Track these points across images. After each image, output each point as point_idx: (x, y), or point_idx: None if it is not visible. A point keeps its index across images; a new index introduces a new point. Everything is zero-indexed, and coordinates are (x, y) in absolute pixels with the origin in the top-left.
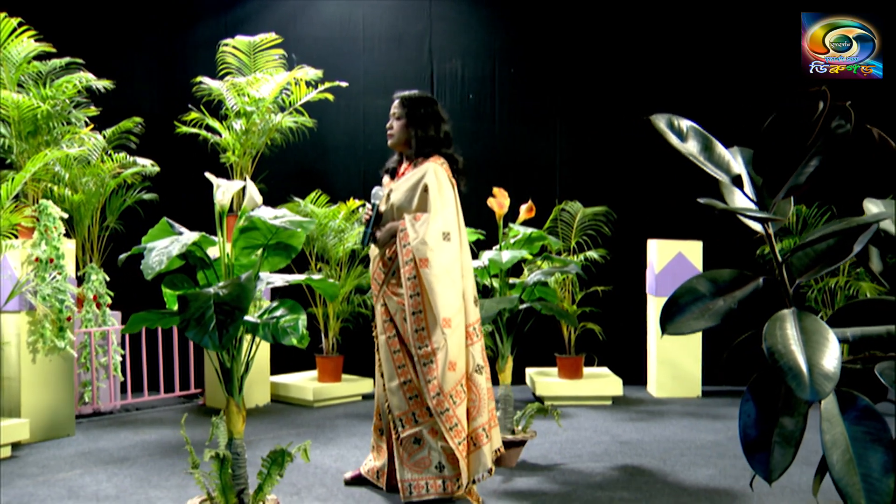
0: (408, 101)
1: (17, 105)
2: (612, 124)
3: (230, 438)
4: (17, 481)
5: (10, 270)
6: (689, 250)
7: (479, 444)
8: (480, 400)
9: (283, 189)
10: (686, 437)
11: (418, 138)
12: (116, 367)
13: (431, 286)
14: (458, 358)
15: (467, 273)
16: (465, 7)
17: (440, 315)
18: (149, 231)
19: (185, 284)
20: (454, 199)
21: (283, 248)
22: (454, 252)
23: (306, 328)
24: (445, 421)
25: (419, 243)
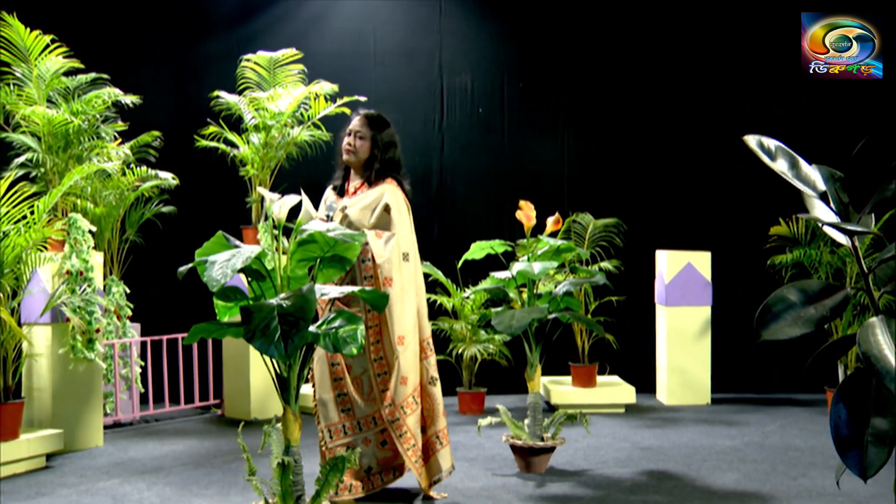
0: (374, 122)
1: (48, 120)
2: (621, 136)
3: (287, 446)
4: (59, 490)
5: (42, 283)
6: (698, 261)
7: (435, 449)
8: (436, 409)
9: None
10: (704, 443)
11: (381, 161)
12: (137, 379)
13: (391, 305)
14: (409, 372)
15: (420, 291)
16: (474, 22)
17: (395, 333)
18: (203, 244)
19: (238, 296)
20: (410, 220)
21: (337, 261)
22: (411, 272)
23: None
24: (396, 429)
25: (386, 262)
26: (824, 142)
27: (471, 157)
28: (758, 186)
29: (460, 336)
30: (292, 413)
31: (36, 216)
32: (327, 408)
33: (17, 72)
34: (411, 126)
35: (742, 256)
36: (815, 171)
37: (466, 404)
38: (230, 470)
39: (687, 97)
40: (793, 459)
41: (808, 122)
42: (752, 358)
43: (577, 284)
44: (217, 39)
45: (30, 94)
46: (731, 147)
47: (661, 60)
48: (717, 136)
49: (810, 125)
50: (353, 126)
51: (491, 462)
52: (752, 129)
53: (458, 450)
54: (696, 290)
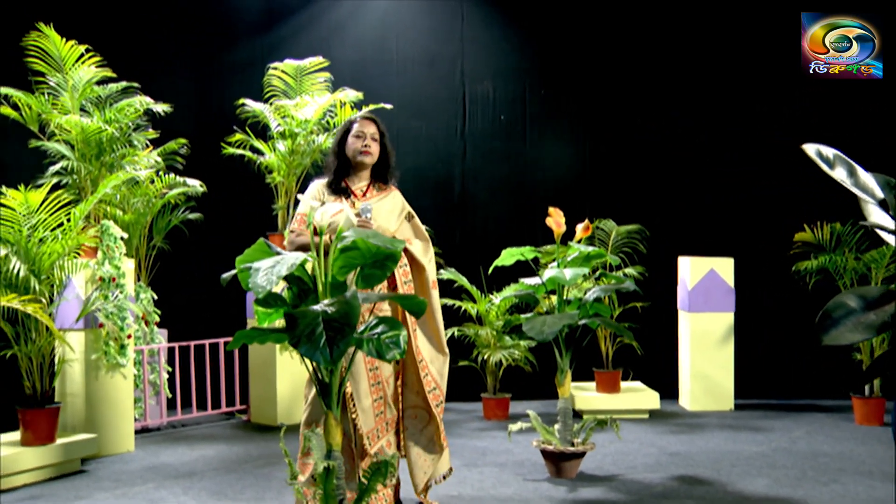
0: (381, 125)
1: (82, 128)
2: (642, 142)
3: (329, 450)
4: (97, 494)
5: (76, 290)
6: (721, 267)
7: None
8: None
9: None
10: (731, 449)
11: (390, 164)
12: (164, 384)
13: (436, 307)
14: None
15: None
16: (496, 30)
17: (442, 334)
18: (245, 251)
19: (279, 302)
20: None
21: (378, 267)
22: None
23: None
24: (440, 413)
25: (431, 266)
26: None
27: (493, 163)
28: (779, 191)
29: (485, 342)
30: (334, 418)
31: (72, 223)
32: (367, 414)
33: (52, 81)
34: (433, 133)
35: (765, 263)
36: (872, 178)
37: (491, 410)
38: (262, 475)
39: (696, 99)
40: (822, 465)
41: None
42: (776, 364)
43: (607, 291)
44: (241, 47)
45: (64, 104)
46: (742, 149)
47: (673, 64)
48: (727, 137)
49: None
50: (367, 129)
51: (520, 467)
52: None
53: (486, 455)
54: (720, 296)
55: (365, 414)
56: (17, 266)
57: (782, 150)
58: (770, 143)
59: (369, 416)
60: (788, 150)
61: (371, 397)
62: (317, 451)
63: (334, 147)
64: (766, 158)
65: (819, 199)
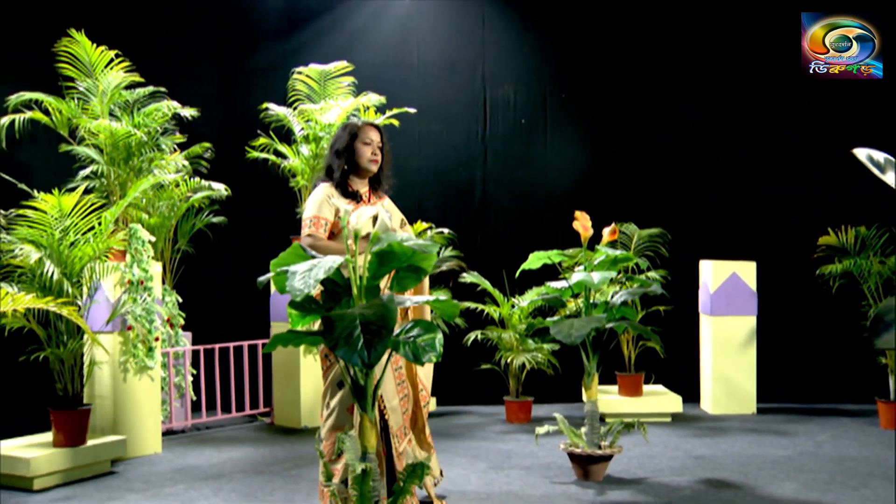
0: (386, 135)
1: (111, 133)
2: (664, 147)
3: (364, 452)
4: (129, 496)
5: (105, 293)
6: (744, 270)
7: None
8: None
9: None
10: (756, 453)
11: (387, 174)
12: (189, 387)
13: (427, 309)
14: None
15: None
16: (517, 34)
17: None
18: (279, 255)
19: (312, 306)
20: None
21: (413, 270)
22: None
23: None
24: (425, 413)
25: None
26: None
27: (513, 167)
28: (802, 194)
29: (508, 345)
30: (369, 420)
31: (103, 227)
32: (397, 413)
33: (81, 86)
34: (454, 137)
35: (788, 266)
36: None
37: (513, 413)
38: (291, 477)
39: (706, 98)
40: (850, 470)
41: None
42: (798, 367)
43: (634, 294)
44: (263, 52)
45: (94, 108)
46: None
47: (684, 64)
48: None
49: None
50: (374, 137)
51: (547, 470)
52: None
53: (511, 458)
54: (742, 299)
55: (395, 413)
56: (50, 269)
57: (792, 150)
58: (781, 144)
59: (398, 415)
60: (799, 151)
61: (398, 396)
62: (351, 453)
63: (340, 150)
64: (777, 159)
65: (845, 203)
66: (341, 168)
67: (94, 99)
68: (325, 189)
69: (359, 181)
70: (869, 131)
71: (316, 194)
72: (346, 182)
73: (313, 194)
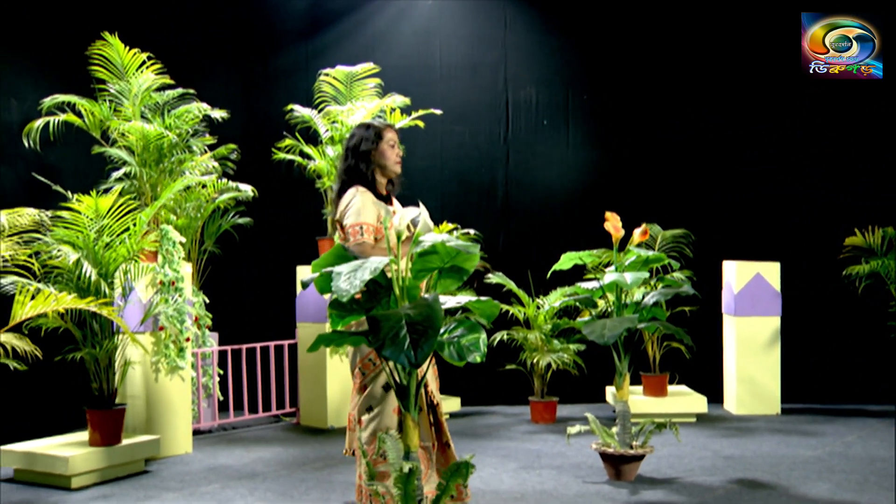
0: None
1: (144, 134)
2: (686, 148)
3: (407, 451)
4: (165, 494)
5: (137, 294)
6: (768, 271)
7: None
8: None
9: None
10: (786, 453)
11: (400, 175)
12: (216, 387)
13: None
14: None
15: None
16: (538, 36)
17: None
18: (321, 255)
19: (353, 306)
20: None
21: (456, 271)
22: None
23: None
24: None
25: None
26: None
27: (536, 169)
28: (827, 195)
29: (533, 346)
30: (412, 419)
31: (137, 228)
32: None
33: (112, 88)
34: (476, 138)
35: (813, 267)
36: None
37: (539, 413)
38: (324, 476)
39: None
40: (882, 470)
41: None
42: (823, 368)
43: (666, 294)
44: (286, 54)
45: (126, 110)
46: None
47: (703, 65)
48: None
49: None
50: (395, 139)
51: (578, 469)
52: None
53: (540, 458)
54: (766, 300)
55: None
56: (88, 270)
57: (814, 151)
58: (801, 145)
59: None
60: (822, 151)
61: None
62: (392, 452)
63: (365, 153)
64: (798, 160)
65: (871, 204)
66: (369, 169)
67: (126, 101)
68: (364, 194)
69: (383, 183)
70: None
71: (356, 200)
72: (376, 185)
73: (352, 201)
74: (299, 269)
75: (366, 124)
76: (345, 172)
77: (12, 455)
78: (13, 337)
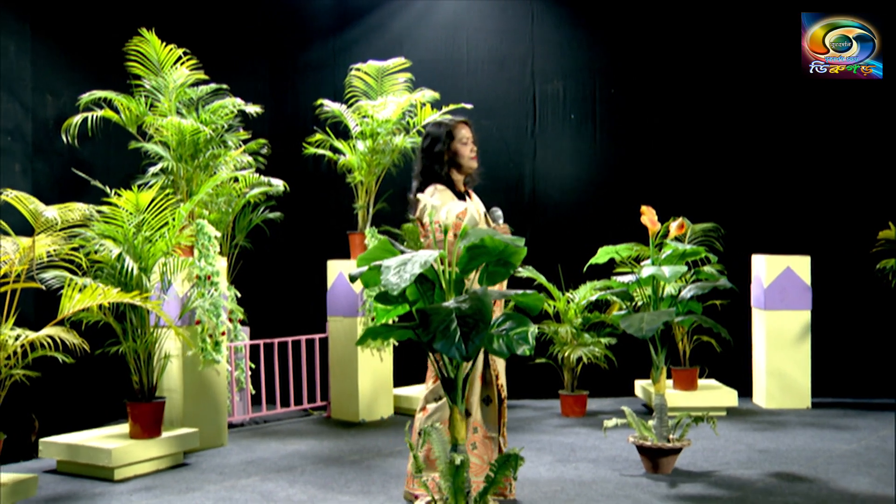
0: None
1: (180, 129)
2: (714, 140)
3: (454, 444)
4: (207, 486)
5: (174, 288)
6: (798, 265)
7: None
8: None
9: (397, 208)
10: (821, 447)
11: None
12: (248, 381)
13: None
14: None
15: None
16: (566, 30)
17: None
18: (368, 249)
19: (398, 299)
20: None
21: (503, 265)
22: None
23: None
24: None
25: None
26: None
27: (563, 163)
28: (860, 189)
29: (563, 339)
30: (459, 413)
31: (176, 222)
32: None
33: (147, 84)
34: (504, 132)
35: (845, 260)
36: None
37: (569, 407)
38: (362, 469)
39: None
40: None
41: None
42: (853, 362)
43: (704, 288)
44: (313, 49)
45: (162, 106)
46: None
47: (721, 61)
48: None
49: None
50: (468, 135)
51: (614, 462)
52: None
53: (575, 451)
54: (796, 294)
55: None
56: (130, 265)
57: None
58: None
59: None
60: (855, 146)
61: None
62: (438, 445)
63: (438, 153)
64: (811, 155)
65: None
66: (445, 167)
67: (162, 96)
68: (443, 192)
69: (460, 180)
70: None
71: (435, 199)
72: (452, 182)
73: (432, 199)
74: (330, 264)
75: (437, 123)
76: (421, 174)
77: (54, 447)
78: (61, 330)
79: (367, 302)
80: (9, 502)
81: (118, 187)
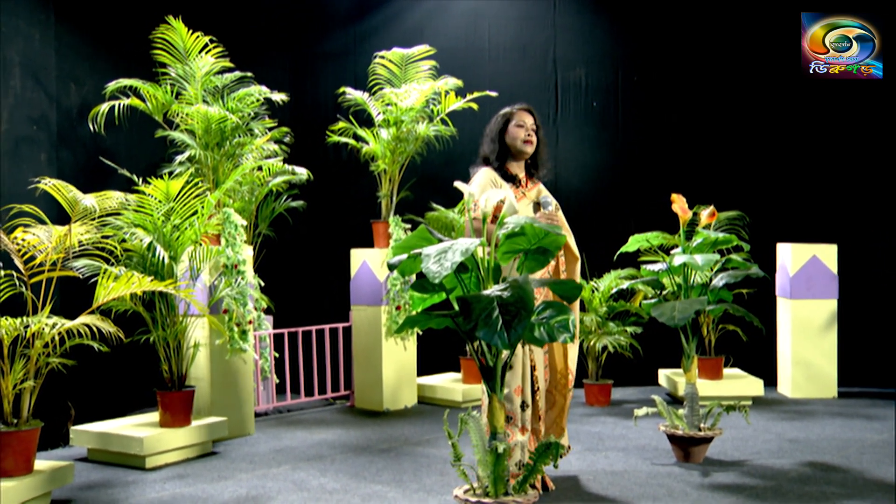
0: (538, 119)
1: (207, 117)
2: (738, 128)
3: (494, 432)
4: (239, 475)
5: (201, 277)
6: (824, 253)
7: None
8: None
9: (421, 197)
10: (851, 436)
11: (544, 157)
12: (273, 370)
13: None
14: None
15: None
16: (588, 17)
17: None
18: (406, 237)
19: (435, 288)
20: None
21: (541, 253)
22: None
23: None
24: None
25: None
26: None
27: (585, 150)
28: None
29: (588, 328)
30: (498, 401)
31: (205, 210)
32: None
33: (173, 72)
34: None
35: (873, 249)
36: None
37: (594, 396)
38: (392, 457)
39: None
40: None
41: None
42: (881, 351)
43: (736, 276)
44: (334, 36)
45: (188, 94)
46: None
47: (734, 50)
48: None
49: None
50: (527, 120)
51: (644, 451)
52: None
53: (604, 440)
54: (822, 283)
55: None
56: (161, 253)
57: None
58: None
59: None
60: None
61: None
62: (475, 434)
63: (493, 135)
64: (838, 143)
65: None
66: (496, 151)
67: (189, 84)
68: (488, 173)
69: (516, 165)
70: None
71: (479, 178)
72: (504, 166)
73: (476, 179)
74: (353, 252)
75: (503, 110)
76: (478, 155)
77: (86, 435)
78: (96, 319)
79: (390, 291)
80: (46, 489)
81: (143, 176)
